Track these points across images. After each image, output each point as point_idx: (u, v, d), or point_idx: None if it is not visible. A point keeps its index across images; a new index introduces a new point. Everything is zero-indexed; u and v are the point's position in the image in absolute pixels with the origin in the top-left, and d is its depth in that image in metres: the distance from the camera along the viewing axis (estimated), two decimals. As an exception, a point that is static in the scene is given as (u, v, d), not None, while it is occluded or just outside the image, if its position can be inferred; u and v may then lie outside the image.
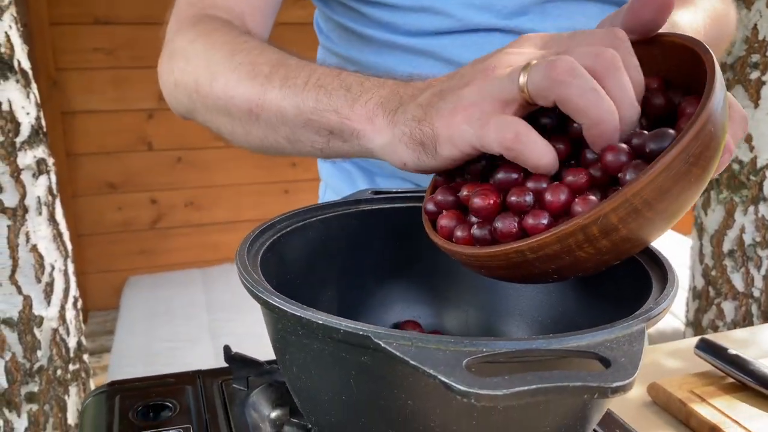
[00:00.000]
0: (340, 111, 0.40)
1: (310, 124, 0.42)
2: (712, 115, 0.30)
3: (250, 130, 0.47)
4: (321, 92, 0.42)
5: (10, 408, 1.10)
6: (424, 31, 0.57)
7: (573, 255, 0.31)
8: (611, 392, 0.23)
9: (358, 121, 0.39)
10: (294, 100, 0.43)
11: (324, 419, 0.34)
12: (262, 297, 0.31)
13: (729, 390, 0.55)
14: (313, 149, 0.44)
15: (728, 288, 1.40)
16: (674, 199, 0.30)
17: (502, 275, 0.34)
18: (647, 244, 0.33)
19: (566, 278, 0.33)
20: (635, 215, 0.30)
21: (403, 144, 0.37)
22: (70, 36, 2.12)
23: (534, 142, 0.31)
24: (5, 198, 1.06)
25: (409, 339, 0.26)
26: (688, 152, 0.29)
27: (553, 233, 0.30)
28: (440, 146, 0.35)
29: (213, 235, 2.39)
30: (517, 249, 0.31)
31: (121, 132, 2.22)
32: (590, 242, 0.30)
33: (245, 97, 0.46)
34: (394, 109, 0.38)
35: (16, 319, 1.09)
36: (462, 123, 0.33)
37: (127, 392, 0.50)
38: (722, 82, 0.32)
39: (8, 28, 1.06)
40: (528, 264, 0.31)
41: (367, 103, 0.39)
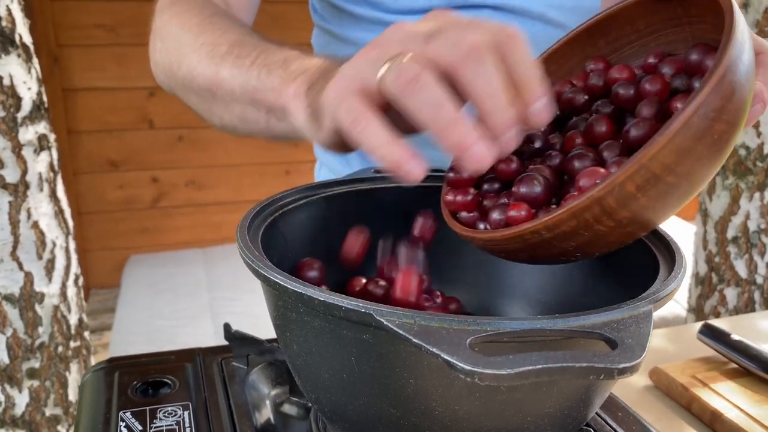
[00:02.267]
0: (275, 89, 0.40)
1: (254, 102, 0.43)
2: (732, 65, 0.28)
3: (211, 108, 0.48)
4: (263, 71, 0.42)
5: (11, 384, 1.11)
6: (413, 9, 0.57)
7: (592, 230, 0.29)
8: (618, 373, 0.23)
9: (287, 98, 0.39)
10: (241, 78, 0.43)
11: (324, 397, 0.34)
12: (263, 273, 0.31)
13: (731, 375, 0.54)
14: (259, 129, 0.45)
15: (731, 274, 1.40)
16: (698, 159, 0.28)
17: (523, 258, 0.33)
18: (674, 212, 0.31)
19: (592, 255, 0.32)
20: (655, 181, 0.28)
21: (307, 115, 0.37)
22: (71, 12, 2.09)
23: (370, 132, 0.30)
24: (6, 174, 1.05)
25: (412, 317, 0.26)
26: (708, 107, 0.27)
27: (567, 209, 0.29)
28: (323, 117, 0.35)
29: (214, 214, 2.38)
30: (532, 229, 0.30)
31: (123, 110, 2.21)
32: (608, 215, 0.28)
33: (204, 75, 0.46)
34: (314, 82, 0.37)
35: (17, 296, 1.09)
36: (331, 95, 0.33)
37: (127, 369, 0.49)
38: (744, 28, 0.29)
39: (9, 1, 1.04)
40: (547, 244, 0.30)
41: (296, 79, 0.39)
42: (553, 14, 0.57)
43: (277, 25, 2.14)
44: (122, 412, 0.44)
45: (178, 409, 0.44)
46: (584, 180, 0.31)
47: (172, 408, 0.44)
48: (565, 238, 0.30)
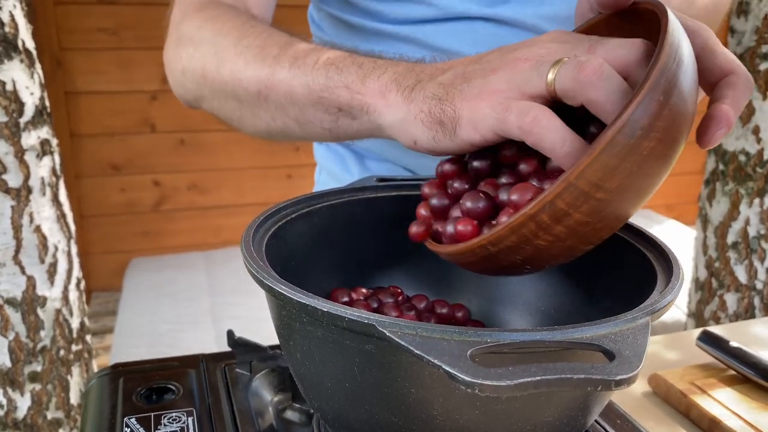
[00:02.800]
0: (351, 86, 0.40)
1: (320, 102, 0.42)
2: (660, 83, 0.28)
3: (258, 113, 0.47)
4: (332, 69, 0.41)
5: (13, 387, 1.11)
6: (409, 20, 0.58)
7: (533, 244, 0.31)
8: (615, 385, 0.23)
9: (370, 95, 0.39)
10: (304, 79, 0.42)
11: (327, 405, 0.34)
12: (267, 284, 0.31)
13: (730, 382, 0.55)
14: (322, 130, 0.44)
15: (731, 280, 1.40)
16: (628, 175, 0.29)
17: (482, 269, 0.34)
18: (617, 225, 0.31)
19: (540, 268, 0.33)
20: (585, 198, 0.29)
21: (419, 121, 0.36)
22: (74, 16, 2.10)
23: (554, 127, 0.31)
24: (9, 178, 1.06)
25: (414, 328, 0.26)
26: (633, 125, 0.28)
27: (505, 225, 0.30)
28: (460, 128, 0.34)
29: (216, 218, 2.39)
30: (478, 244, 0.32)
31: (125, 113, 2.22)
32: (544, 230, 0.30)
33: (254, 79, 0.45)
34: (410, 85, 0.37)
35: (19, 299, 1.09)
36: (486, 107, 0.33)
37: (131, 374, 0.50)
38: (678, 44, 0.30)
39: (12, 7, 1.05)
40: (495, 257, 0.32)
41: (380, 77, 0.39)
42: (545, 26, 0.58)
43: (279, 30, 2.14)
44: (127, 418, 0.44)
45: (182, 415, 0.45)
46: (515, 195, 0.32)
47: (176, 414, 0.45)
48: (509, 252, 0.31)
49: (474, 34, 0.58)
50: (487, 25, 0.58)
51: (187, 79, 0.53)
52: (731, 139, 1.39)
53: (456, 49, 0.58)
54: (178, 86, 0.55)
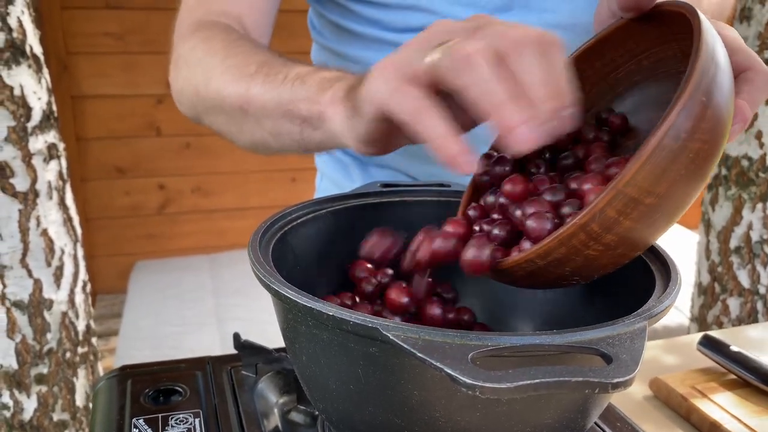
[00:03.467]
0: (311, 97, 0.41)
1: (288, 114, 0.44)
2: (701, 85, 0.28)
3: (242, 127, 0.49)
4: (297, 83, 0.43)
5: (19, 389, 1.12)
6: (411, 28, 0.59)
7: (583, 255, 0.30)
8: (612, 388, 0.24)
9: (324, 104, 0.40)
10: (273, 93, 0.44)
11: (332, 407, 0.35)
12: (274, 288, 0.32)
13: (730, 386, 0.55)
14: (292, 141, 0.46)
15: (734, 284, 1.40)
16: (676, 179, 0.29)
17: (530, 284, 0.34)
18: (665, 228, 0.31)
19: (590, 278, 0.33)
20: (635, 204, 0.29)
21: (345, 116, 0.37)
22: (80, 20, 2.12)
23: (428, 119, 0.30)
24: (16, 182, 1.07)
25: (417, 332, 0.27)
26: (678, 128, 0.28)
27: (555, 237, 0.30)
28: (361, 104, 0.35)
29: (220, 221, 2.40)
30: (526, 258, 0.31)
31: (130, 117, 2.23)
32: (595, 240, 0.30)
33: (235, 95, 0.48)
34: (354, 86, 0.38)
35: (26, 302, 1.11)
36: (378, 79, 0.33)
37: (138, 376, 0.51)
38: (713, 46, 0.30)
39: (20, 13, 1.06)
40: (543, 270, 0.32)
41: (333, 86, 0.40)
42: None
43: (283, 34, 2.16)
44: (135, 419, 0.45)
45: (189, 416, 0.46)
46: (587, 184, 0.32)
47: (183, 415, 0.46)
48: (558, 264, 0.31)
49: None
50: None
51: (185, 97, 0.56)
52: (734, 144, 1.39)
53: None
54: (179, 104, 0.58)
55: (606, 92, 0.42)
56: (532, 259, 0.31)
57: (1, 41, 1.03)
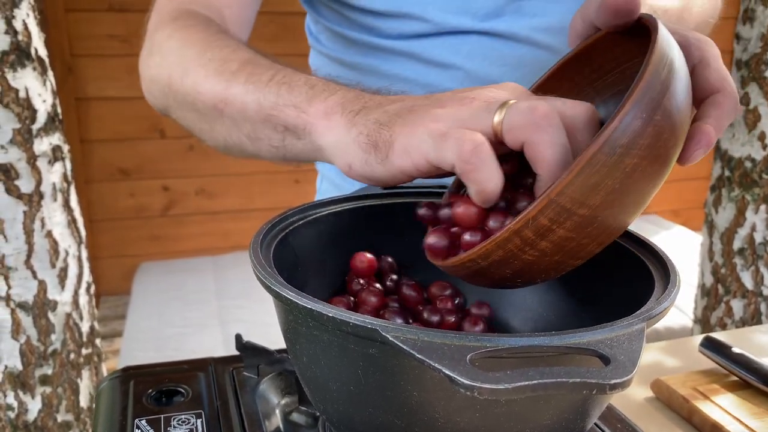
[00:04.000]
0: (298, 105, 0.40)
1: (269, 119, 0.41)
2: (645, 100, 0.28)
3: (215, 127, 0.47)
4: (283, 88, 0.41)
5: (24, 390, 1.13)
6: (404, 35, 0.59)
7: (521, 259, 0.31)
8: (609, 389, 0.24)
9: (314, 116, 0.38)
10: (256, 95, 0.42)
11: (332, 408, 0.35)
12: (275, 289, 0.32)
13: (732, 388, 0.55)
14: (271, 147, 0.43)
15: (737, 286, 1.40)
16: (610, 192, 0.29)
17: (477, 282, 0.35)
18: (606, 240, 0.31)
19: (531, 282, 0.34)
20: (567, 214, 0.29)
21: (357, 144, 0.35)
22: (85, 23, 2.13)
23: (492, 163, 0.31)
24: (21, 184, 1.08)
25: (416, 333, 0.27)
26: (614, 144, 0.28)
27: (491, 240, 0.31)
28: (393, 152, 0.34)
29: (224, 223, 2.41)
30: (468, 258, 0.32)
31: (135, 119, 2.24)
32: (530, 245, 0.30)
33: (211, 92, 0.45)
34: (356, 110, 0.37)
35: (31, 303, 1.11)
36: (423, 133, 0.32)
37: (141, 377, 0.51)
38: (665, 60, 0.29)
39: (26, 16, 1.07)
40: (487, 271, 0.32)
41: (327, 99, 0.38)
42: (539, 37, 0.58)
43: (287, 36, 2.17)
44: (137, 420, 0.45)
45: (192, 417, 0.46)
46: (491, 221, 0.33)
47: (185, 416, 0.46)
48: (499, 266, 0.32)
49: (469, 47, 0.59)
50: (481, 39, 0.59)
51: (155, 87, 0.53)
52: (737, 145, 1.39)
53: (451, 62, 0.59)
54: (148, 94, 0.55)
55: (592, 98, 0.42)
56: (474, 260, 0.32)
57: (7, 44, 1.03)
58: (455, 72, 0.59)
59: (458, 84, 0.60)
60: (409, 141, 0.33)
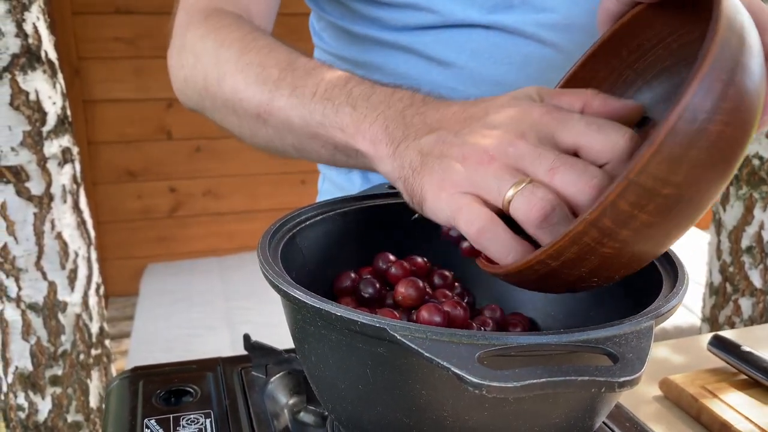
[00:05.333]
0: (345, 130, 0.40)
1: (317, 137, 0.43)
2: (721, 59, 0.26)
3: (257, 133, 0.48)
4: (328, 106, 0.42)
5: (34, 390, 1.14)
6: (409, 27, 0.59)
7: (598, 254, 0.28)
8: (618, 387, 0.24)
9: (361, 143, 0.40)
10: (301, 111, 0.43)
11: (341, 407, 0.36)
12: (283, 289, 0.32)
13: (741, 386, 0.55)
14: (320, 159, 0.45)
15: (746, 284, 1.39)
16: (694, 166, 0.26)
17: (545, 287, 0.33)
18: (690, 223, 0.29)
19: (610, 280, 0.31)
20: (650, 196, 0.26)
21: (401, 181, 0.38)
22: (92, 25, 2.14)
23: (499, 240, 0.32)
24: (31, 186, 1.08)
25: (424, 332, 0.27)
26: (695, 109, 0.26)
27: (564, 235, 0.28)
28: (425, 208, 0.36)
29: (230, 224, 2.41)
30: (537, 260, 0.30)
31: (141, 121, 2.25)
32: (609, 236, 0.28)
33: (254, 101, 0.46)
34: (397, 139, 0.38)
35: (41, 305, 1.12)
36: (443, 201, 0.34)
37: (150, 377, 0.51)
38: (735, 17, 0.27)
39: (36, 19, 1.08)
40: (558, 272, 0.30)
41: (372, 125, 0.39)
42: (545, 34, 0.58)
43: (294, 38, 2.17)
44: (147, 420, 0.46)
45: (200, 416, 0.46)
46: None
47: (194, 416, 0.46)
48: (572, 265, 0.29)
49: (473, 43, 0.58)
50: (487, 34, 0.58)
51: (189, 88, 0.53)
52: (745, 142, 1.38)
53: (454, 59, 0.59)
54: (181, 94, 0.55)
55: (633, 81, 0.40)
56: (544, 260, 0.30)
57: (17, 47, 1.04)
58: (459, 70, 0.59)
59: (462, 83, 0.59)
60: (434, 205, 0.35)
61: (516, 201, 0.32)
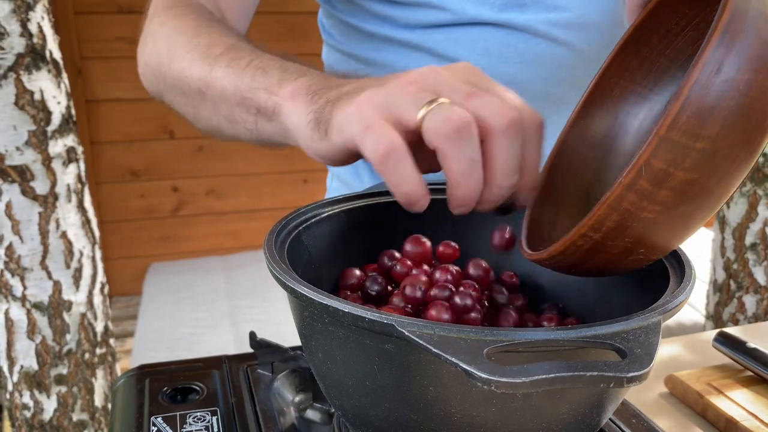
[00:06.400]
0: (270, 88, 0.41)
1: (244, 102, 0.43)
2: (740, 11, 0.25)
3: (199, 110, 0.49)
4: (258, 72, 0.42)
5: (40, 389, 1.14)
6: (420, 25, 0.59)
7: (640, 220, 0.27)
8: (627, 382, 0.24)
9: (282, 97, 0.40)
10: (234, 78, 0.44)
11: (348, 403, 0.36)
12: (290, 286, 0.32)
13: (746, 383, 0.55)
14: (246, 130, 0.45)
15: (750, 281, 1.39)
16: (728, 117, 0.25)
17: (592, 268, 0.32)
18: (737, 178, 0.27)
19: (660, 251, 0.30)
20: (684, 152, 0.25)
21: (308, 123, 0.37)
22: (94, 25, 2.15)
23: (401, 165, 0.32)
24: (36, 186, 1.09)
25: (432, 328, 0.27)
26: (719, 60, 0.25)
27: (602, 202, 0.27)
28: (331, 129, 0.35)
29: (233, 223, 2.42)
30: (579, 234, 0.29)
31: (144, 120, 2.25)
32: (648, 198, 0.27)
33: (196, 76, 0.47)
34: (317, 91, 0.38)
35: (46, 304, 1.12)
36: (354, 114, 0.33)
37: (156, 375, 0.52)
38: None
39: (40, 19, 1.08)
40: (602, 246, 0.29)
41: (295, 80, 0.40)
42: (558, 33, 0.58)
43: (294, 36, 2.17)
44: (154, 417, 0.46)
45: (207, 414, 0.46)
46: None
47: (201, 413, 0.46)
48: (615, 235, 0.28)
49: (484, 42, 0.58)
50: (497, 32, 0.58)
51: (148, 72, 0.55)
52: (749, 139, 1.38)
53: (465, 57, 0.59)
54: (143, 79, 0.57)
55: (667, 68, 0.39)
56: (585, 233, 0.28)
57: (22, 46, 1.04)
58: None
59: None
60: (342, 119, 0.34)
61: (431, 115, 0.32)
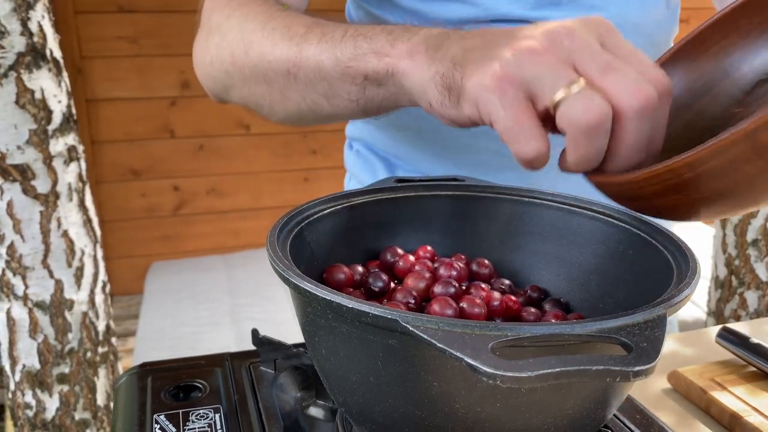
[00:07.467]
0: (380, 51, 0.39)
1: (347, 72, 0.41)
2: None
3: (288, 94, 0.47)
4: (360, 38, 0.41)
5: (42, 388, 1.14)
6: (449, 20, 0.57)
7: (741, 171, 0.26)
8: (633, 376, 0.24)
9: (397, 57, 0.38)
10: (332, 51, 0.42)
11: (351, 400, 0.35)
12: (294, 281, 0.32)
13: (750, 378, 0.55)
14: (350, 102, 0.43)
15: (751, 278, 1.39)
16: None
17: (659, 205, 0.30)
18: None
19: (731, 210, 0.29)
20: None
21: (434, 83, 0.36)
22: (94, 24, 2.14)
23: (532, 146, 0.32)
24: (38, 184, 1.09)
25: (436, 323, 0.27)
26: None
27: (713, 143, 0.26)
28: (464, 101, 0.34)
29: (234, 221, 2.42)
30: (671, 168, 0.28)
31: (144, 119, 2.25)
32: (759, 153, 0.25)
33: (282, 58, 0.45)
34: (437, 45, 0.37)
35: (48, 303, 1.12)
36: (491, 91, 0.33)
37: (159, 373, 0.51)
38: None
39: (41, 18, 1.08)
40: (686, 186, 0.28)
41: (410, 39, 0.38)
42: None
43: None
44: (156, 415, 0.46)
45: (210, 411, 0.46)
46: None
47: (203, 411, 0.46)
48: (707, 179, 0.27)
49: None
50: None
51: (216, 68, 0.52)
52: (750, 135, 1.38)
53: None
54: (207, 78, 0.55)
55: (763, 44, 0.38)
56: (677, 169, 0.27)
57: (23, 45, 1.04)
58: None
59: None
60: (478, 94, 0.33)
61: (569, 101, 0.31)
